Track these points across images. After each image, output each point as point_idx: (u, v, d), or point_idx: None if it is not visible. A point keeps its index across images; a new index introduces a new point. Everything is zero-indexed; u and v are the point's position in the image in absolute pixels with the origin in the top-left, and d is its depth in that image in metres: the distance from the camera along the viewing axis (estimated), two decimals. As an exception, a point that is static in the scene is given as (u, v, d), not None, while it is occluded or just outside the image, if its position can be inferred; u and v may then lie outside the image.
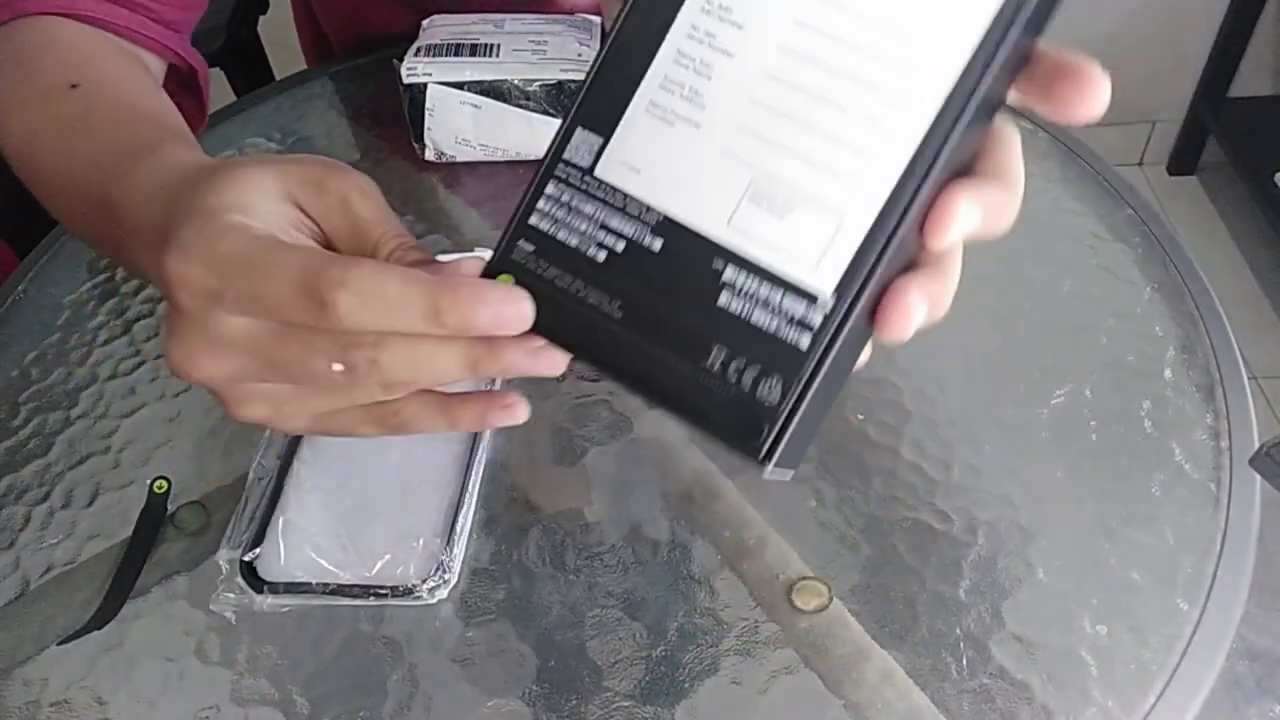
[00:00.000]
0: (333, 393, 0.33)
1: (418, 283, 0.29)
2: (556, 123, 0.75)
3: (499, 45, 0.70)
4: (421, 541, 0.50)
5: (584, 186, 0.30)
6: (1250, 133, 1.72)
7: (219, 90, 0.95)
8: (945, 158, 0.27)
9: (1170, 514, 0.51)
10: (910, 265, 0.29)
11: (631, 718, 0.46)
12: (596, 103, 0.30)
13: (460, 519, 0.51)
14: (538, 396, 0.58)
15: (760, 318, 0.28)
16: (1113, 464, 0.54)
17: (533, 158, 0.71)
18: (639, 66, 0.30)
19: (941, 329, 0.32)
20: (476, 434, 0.54)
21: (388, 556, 0.50)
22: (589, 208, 0.30)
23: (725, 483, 0.54)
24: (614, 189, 0.30)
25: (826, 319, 0.28)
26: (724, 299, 0.29)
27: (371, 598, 0.49)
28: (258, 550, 0.50)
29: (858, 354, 0.31)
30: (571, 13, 0.75)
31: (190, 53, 0.62)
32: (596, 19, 0.73)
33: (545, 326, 0.30)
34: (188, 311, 0.31)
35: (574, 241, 0.30)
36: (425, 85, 0.68)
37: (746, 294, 0.28)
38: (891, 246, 0.27)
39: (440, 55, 0.69)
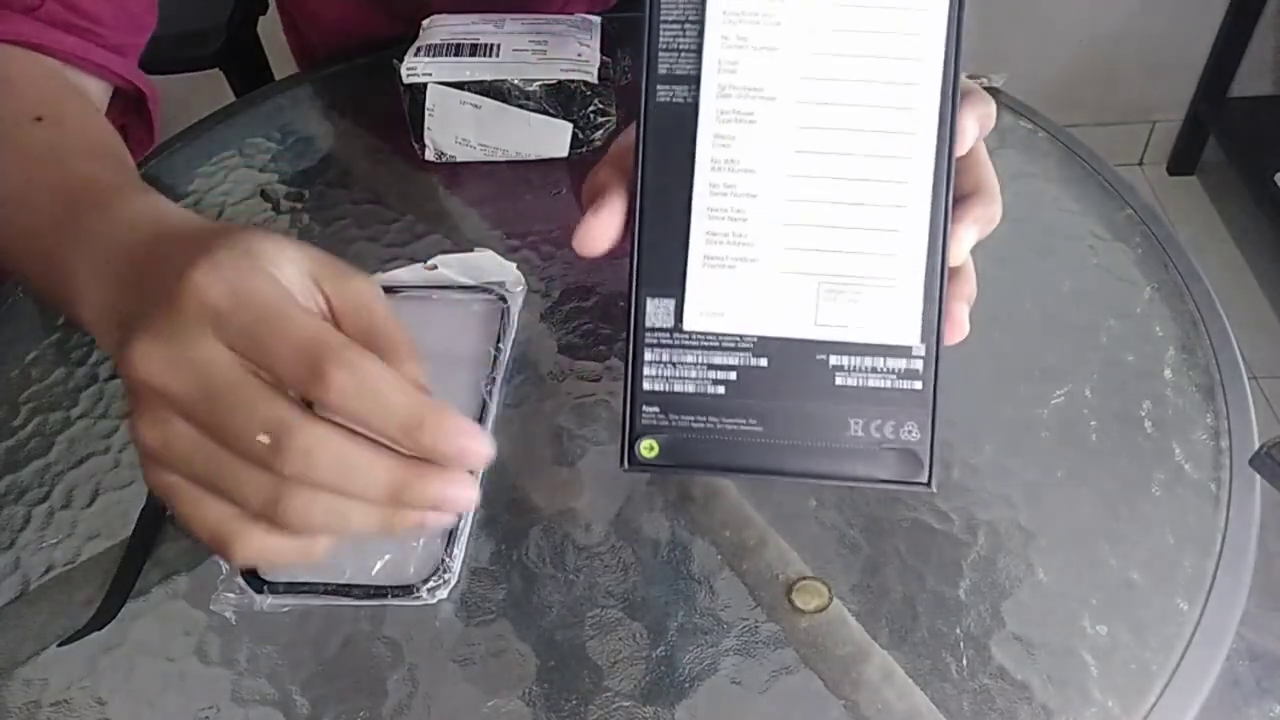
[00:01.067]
0: (230, 465, 0.32)
1: (412, 395, 0.31)
2: (557, 123, 0.74)
3: (499, 45, 0.70)
4: (421, 541, 0.50)
5: (678, 342, 0.35)
6: (1250, 133, 1.72)
7: (219, 90, 0.95)
8: (948, 208, 0.34)
9: (1170, 514, 0.51)
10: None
11: (631, 718, 0.46)
12: (655, 272, 0.35)
13: (460, 519, 0.51)
14: (537, 397, 0.58)
15: (876, 381, 0.34)
16: (1113, 464, 0.54)
17: (533, 158, 0.71)
18: (679, 231, 0.34)
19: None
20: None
21: (388, 556, 0.50)
22: (690, 357, 0.35)
23: (725, 482, 0.54)
24: (706, 334, 0.34)
25: (925, 360, 0.34)
26: (840, 379, 0.34)
27: (371, 598, 0.49)
28: (258, 550, 0.50)
29: None
30: (571, 13, 0.75)
31: (139, 76, 0.61)
32: (596, 19, 0.73)
33: (701, 463, 0.35)
34: (178, 316, 0.32)
35: (690, 389, 0.34)
36: (425, 85, 0.68)
37: (856, 369, 0.34)
38: (943, 284, 0.34)
39: (440, 55, 0.69)
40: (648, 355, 0.35)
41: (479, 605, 0.50)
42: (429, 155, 0.72)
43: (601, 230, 0.35)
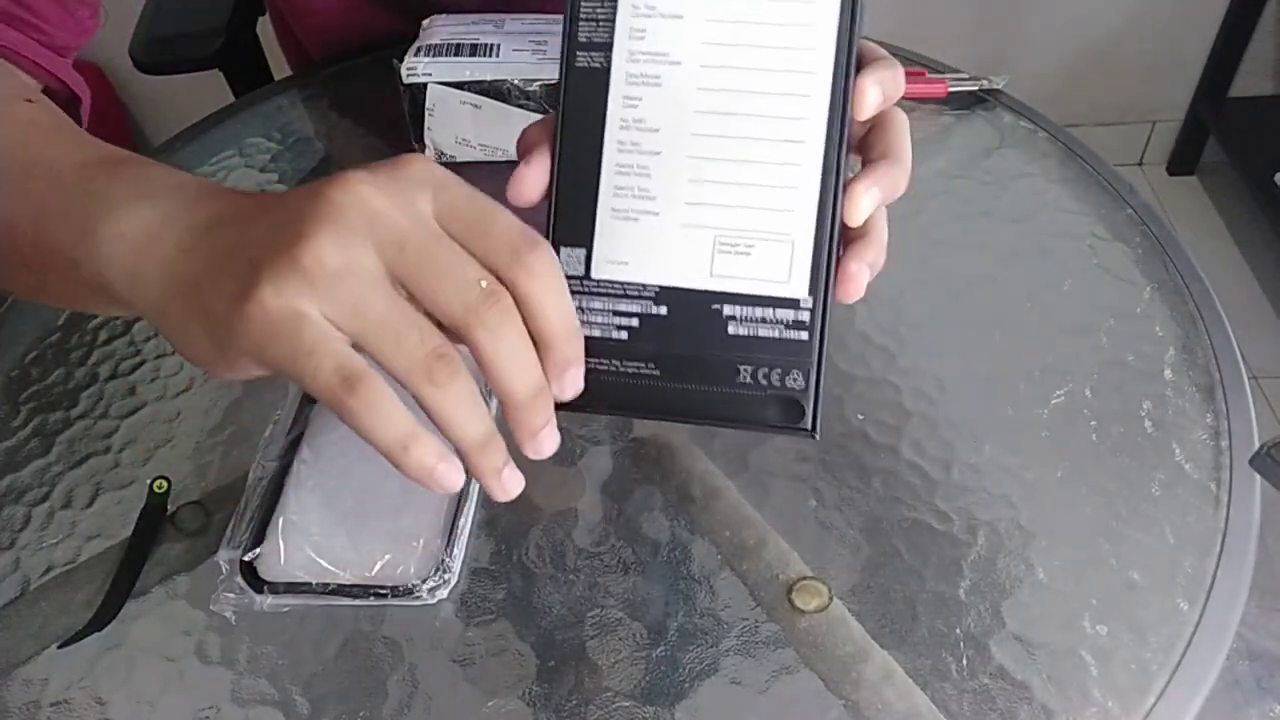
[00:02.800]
0: (406, 316, 0.32)
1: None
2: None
3: (499, 45, 0.70)
4: (421, 541, 0.50)
5: (587, 289, 0.37)
6: (1250, 133, 1.72)
7: (219, 90, 0.95)
8: (841, 168, 0.36)
9: (1170, 514, 0.51)
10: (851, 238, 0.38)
11: (631, 718, 0.46)
12: (568, 223, 0.37)
13: (460, 519, 0.51)
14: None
15: (765, 331, 0.36)
16: (1113, 464, 0.54)
17: (533, 158, 0.71)
18: (590, 185, 0.37)
19: (941, 329, 0.34)
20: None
21: (388, 556, 0.50)
22: (598, 303, 0.36)
23: (725, 483, 0.54)
24: (612, 282, 0.37)
25: (812, 313, 0.36)
26: (733, 329, 0.36)
27: (371, 598, 0.49)
28: (258, 550, 0.50)
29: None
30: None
31: (75, 79, 0.59)
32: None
33: (602, 403, 0.36)
34: (402, 170, 0.33)
35: (596, 333, 0.36)
36: (425, 85, 0.68)
37: (748, 319, 0.36)
38: (833, 242, 0.36)
39: (440, 55, 0.69)
40: None
41: (479, 605, 0.50)
42: (429, 155, 0.72)
43: (531, 181, 0.38)
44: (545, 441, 0.34)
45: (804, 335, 0.36)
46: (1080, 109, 1.80)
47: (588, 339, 0.36)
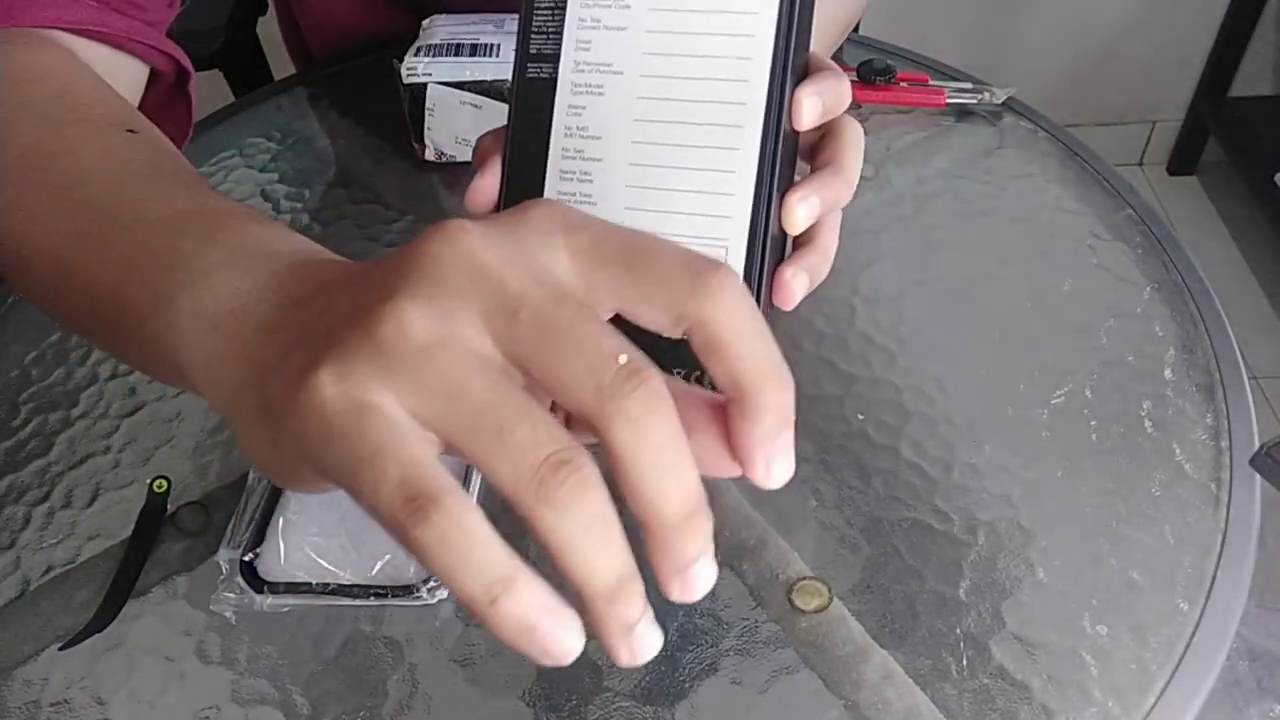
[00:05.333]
0: (516, 400, 0.23)
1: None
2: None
3: (499, 45, 0.70)
4: (421, 541, 0.50)
5: None
6: (1250, 133, 1.72)
7: (219, 90, 0.95)
8: (776, 175, 0.36)
9: (1170, 514, 0.51)
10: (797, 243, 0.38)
11: (631, 718, 0.46)
12: (513, 200, 0.38)
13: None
14: (538, 396, 0.58)
15: None
16: (1113, 464, 0.54)
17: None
18: (535, 190, 0.38)
19: (942, 329, 0.34)
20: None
21: (388, 556, 0.50)
22: None
23: (725, 483, 0.54)
24: None
25: None
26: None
27: (371, 598, 0.49)
28: (258, 550, 0.50)
29: None
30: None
31: (181, 55, 0.55)
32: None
33: None
34: (523, 223, 0.25)
35: None
36: (425, 85, 0.68)
37: None
38: (767, 249, 0.36)
39: (440, 55, 0.69)
40: None
41: (479, 605, 0.50)
42: (429, 155, 0.72)
43: (484, 189, 0.38)
44: (700, 578, 0.25)
45: None
46: (1080, 109, 1.80)
47: None
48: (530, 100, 0.38)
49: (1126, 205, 0.67)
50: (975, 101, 0.74)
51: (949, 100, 0.73)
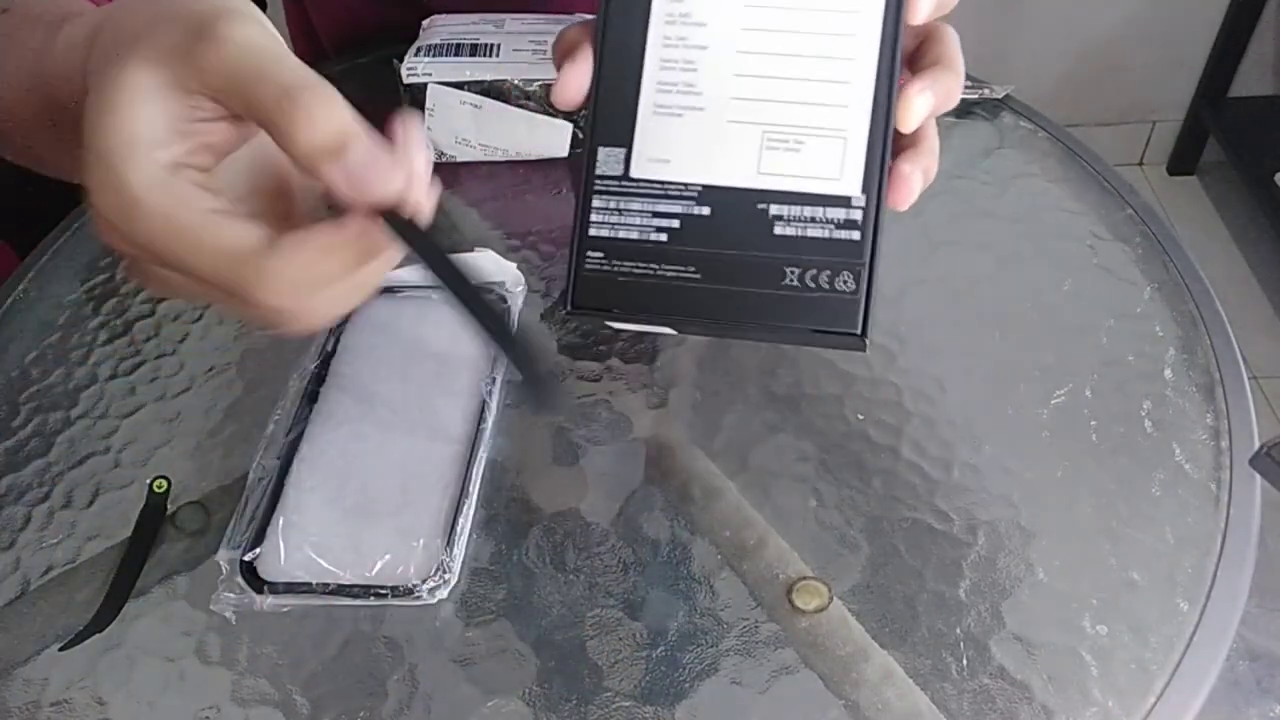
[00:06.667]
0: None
1: (340, 250, 0.32)
2: (557, 122, 0.75)
3: (499, 45, 0.70)
4: (421, 541, 0.50)
5: (625, 189, 0.35)
6: (1250, 133, 1.72)
7: (219, 90, 0.95)
8: (896, 65, 0.34)
9: (1170, 514, 0.51)
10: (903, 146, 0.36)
11: (631, 718, 0.46)
12: (607, 122, 0.36)
13: (460, 519, 0.51)
14: (538, 396, 0.58)
15: (814, 231, 0.34)
16: (1113, 464, 0.54)
17: (533, 157, 0.71)
18: (632, 82, 0.36)
19: (942, 329, 0.33)
20: (477, 434, 0.54)
21: (388, 556, 0.50)
22: (636, 204, 0.35)
23: (725, 483, 0.54)
24: (652, 181, 0.35)
25: (865, 211, 0.34)
26: (779, 229, 0.34)
27: (371, 598, 0.49)
28: (258, 550, 0.50)
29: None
30: (571, 13, 0.75)
31: None
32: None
33: (639, 309, 0.35)
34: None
35: (634, 235, 0.35)
36: (425, 85, 0.68)
37: (796, 219, 0.34)
38: (887, 142, 0.34)
39: (440, 55, 0.69)
40: (596, 202, 0.36)
41: (479, 605, 0.50)
42: (429, 155, 0.72)
43: (574, 82, 0.36)
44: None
45: (856, 235, 0.34)
46: (1080, 109, 1.80)
47: (627, 241, 0.35)
48: None
49: (1126, 205, 0.67)
50: (976, 98, 0.74)
51: None
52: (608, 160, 0.35)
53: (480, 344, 0.35)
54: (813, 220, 0.34)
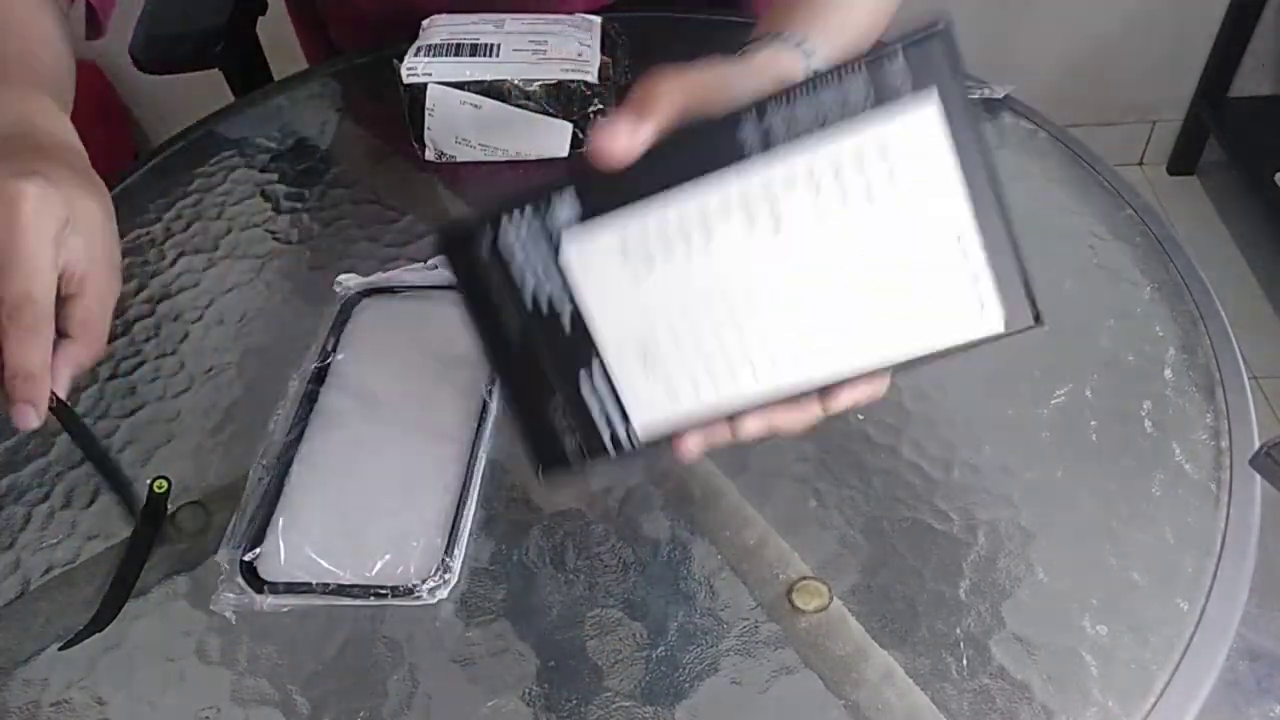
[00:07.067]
0: None
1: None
2: (557, 122, 0.74)
3: (499, 45, 0.70)
4: (421, 541, 0.50)
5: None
6: (1250, 133, 1.72)
7: (219, 90, 0.95)
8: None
9: (1170, 514, 0.51)
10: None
11: (631, 718, 0.46)
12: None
13: (460, 519, 0.51)
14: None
15: (598, 413, 0.39)
16: (1113, 464, 0.54)
17: (533, 158, 0.71)
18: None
19: None
20: (477, 434, 0.54)
21: (388, 556, 0.50)
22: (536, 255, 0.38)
23: (725, 483, 0.54)
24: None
25: (631, 454, 0.40)
26: (584, 384, 0.39)
27: (371, 598, 0.49)
28: (258, 550, 0.50)
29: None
30: (571, 13, 0.75)
31: None
32: (596, 19, 0.73)
33: (475, 311, 0.39)
34: None
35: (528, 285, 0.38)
36: (425, 85, 0.68)
37: (600, 394, 0.39)
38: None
39: (440, 55, 0.69)
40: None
41: (479, 605, 0.50)
42: (429, 155, 0.72)
43: (632, 139, 0.34)
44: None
45: (613, 450, 0.40)
46: (1080, 109, 1.80)
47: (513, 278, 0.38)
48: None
49: (1126, 205, 0.67)
50: (976, 98, 0.74)
51: None
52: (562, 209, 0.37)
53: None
54: (603, 409, 0.40)
